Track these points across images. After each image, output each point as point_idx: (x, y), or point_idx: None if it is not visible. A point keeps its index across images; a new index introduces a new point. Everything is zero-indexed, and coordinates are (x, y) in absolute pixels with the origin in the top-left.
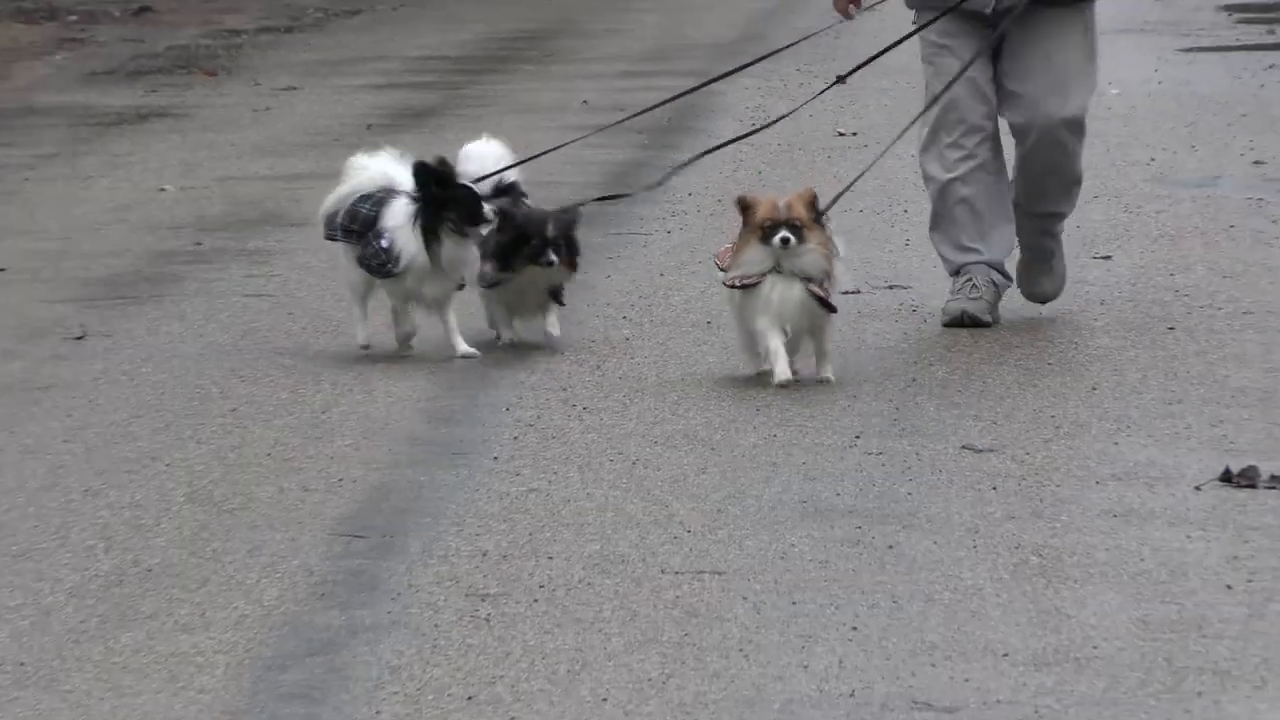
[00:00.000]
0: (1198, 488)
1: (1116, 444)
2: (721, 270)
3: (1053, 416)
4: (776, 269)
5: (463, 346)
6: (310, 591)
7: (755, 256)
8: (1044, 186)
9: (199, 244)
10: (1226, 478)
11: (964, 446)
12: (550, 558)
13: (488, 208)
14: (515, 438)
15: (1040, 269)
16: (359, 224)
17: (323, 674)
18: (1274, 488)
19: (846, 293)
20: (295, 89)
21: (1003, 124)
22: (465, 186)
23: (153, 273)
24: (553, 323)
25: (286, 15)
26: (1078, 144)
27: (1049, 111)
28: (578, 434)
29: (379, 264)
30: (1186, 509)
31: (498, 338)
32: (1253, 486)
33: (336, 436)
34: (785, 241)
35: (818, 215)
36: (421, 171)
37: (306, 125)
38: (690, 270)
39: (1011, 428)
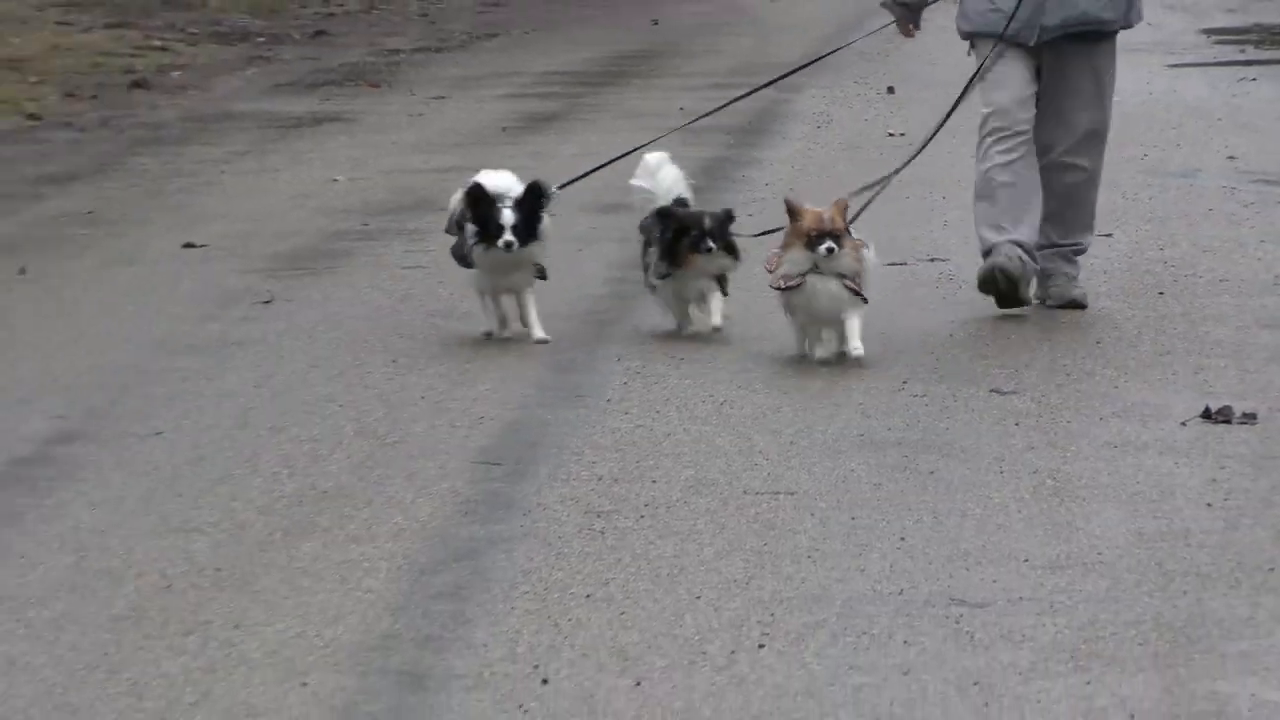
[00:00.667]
0: (1183, 423)
1: (1116, 387)
2: (769, 273)
3: (1064, 365)
4: (815, 269)
5: (538, 332)
6: (456, 509)
7: (799, 258)
8: (1071, 214)
9: (365, 225)
10: (1206, 415)
11: (992, 390)
12: (654, 481)
13: (507, 219)
14: (624, 383)
15: (1069, 283)
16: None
17: (467, 576)
18: (1245, 423)
19: (892, 264)
20: (444, 98)
21: None
22: (513, 204)
23: (327, 249)
24: (716, 312)
25: (437, 38)
26: (1099, 158)
27: (1079, 124)
28: (675, 379)
29: (458, 257)
30: (1174, 440)
31: (679, 329)
32: (1228, 422)
33: (478, 382)
34: (830, 251)
35: (848, 223)
36: (475, 190)
37: (453, 128)
38: (769, 248)
39: (1030, 374)
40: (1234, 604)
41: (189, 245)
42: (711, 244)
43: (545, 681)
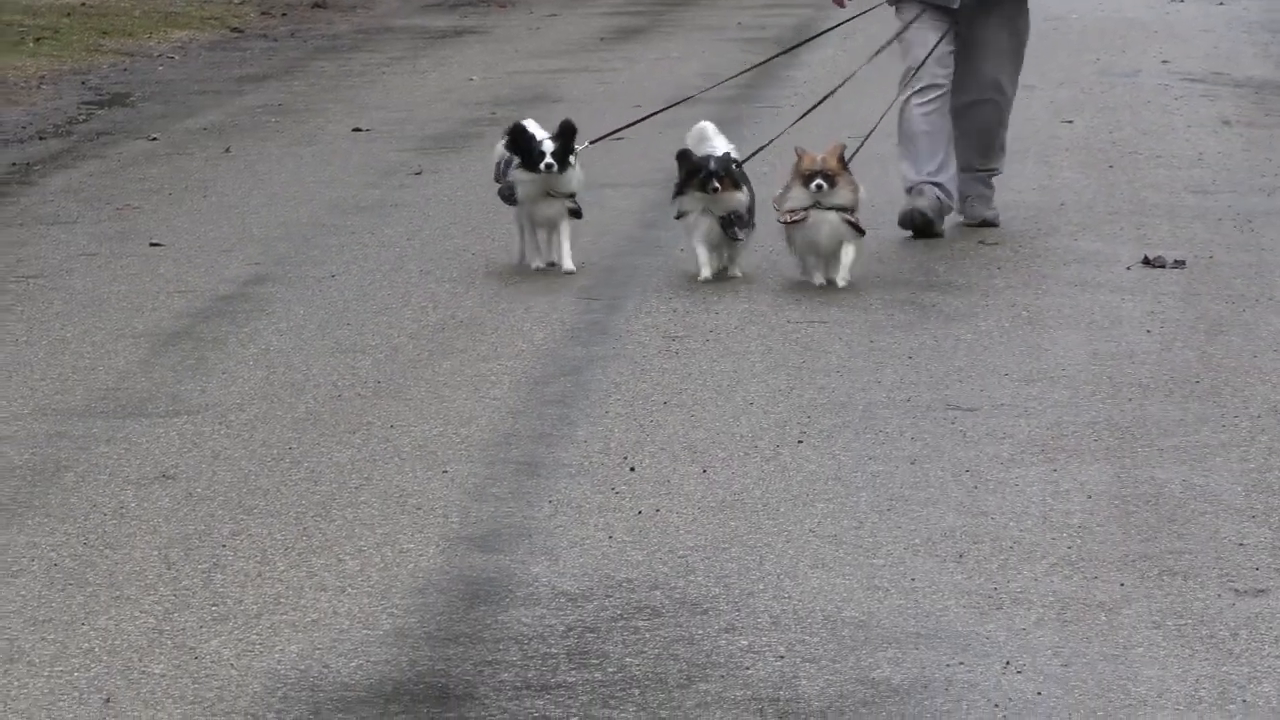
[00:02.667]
0: (1128, 268)
1: (1076, 240)
2: (777, 209)
3: (1036, 223)
4: (817, 205)
5: (567, 264)
6: (564, 335)
7: (799, 196)
8: (985, 144)
9: (493, 114)
10: (1146, 261)
11: (979, 242)
12: (716, 313)
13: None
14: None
15: (984, 204)
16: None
17: (571, 387)
18: (1176, 268)
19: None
20: (555, 15)
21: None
22: (547, 140)
23: (464, 132)
24: (737, 261)
25: None
26: (1007, 109)
27: (990, 74)
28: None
29: (505, 197)
30: (1120, 281)
31: (701, 276)
32: (1163, 267)
33: (581, 236)
34: (819, 186)
35: (845, 164)
36: (516, 130)
37: (562, 38)
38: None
39: (1009, 230)
40: (1168, 409)
41: (357, 129)
42: (716, 185)
43: (632, 469)
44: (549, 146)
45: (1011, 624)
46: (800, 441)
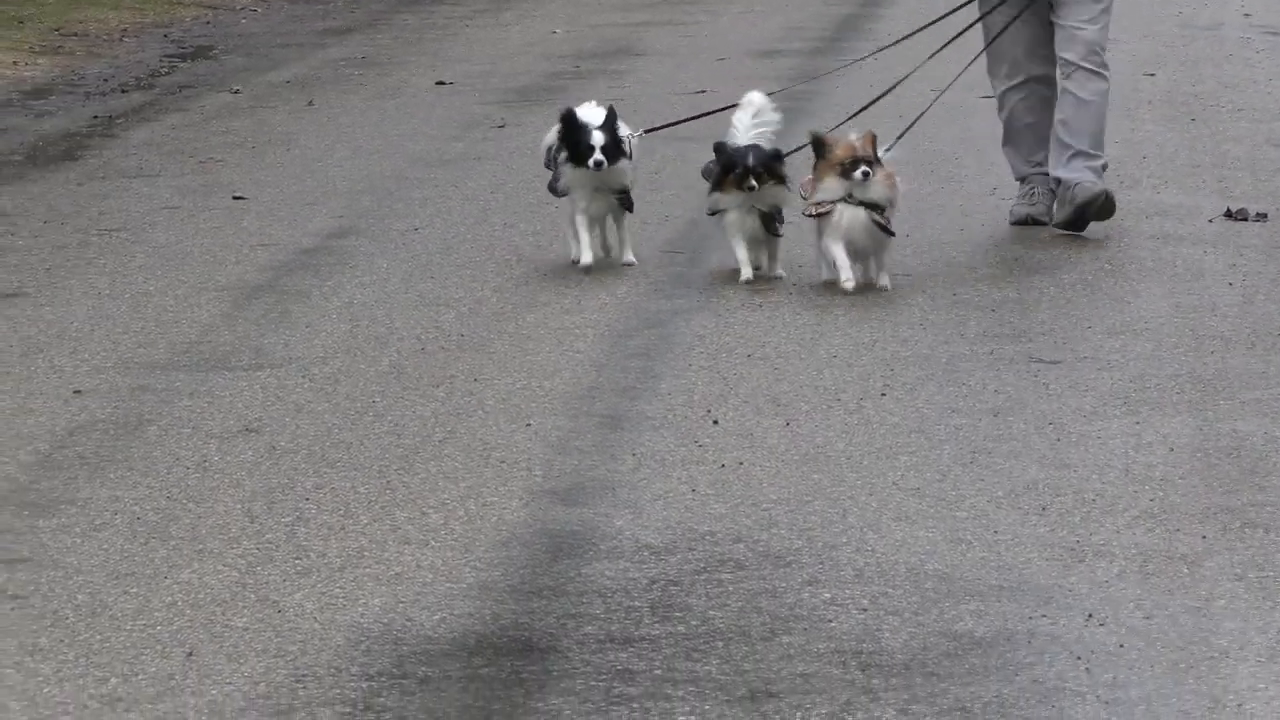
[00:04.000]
0: (1210, 221)
1: (1158, 193)
2: (803, 198)
3: (1118, 176)
4: (847, 198)
5: (628, 255)
6: (648, 287)
7: (832, 186)
8: (1083, 124)
9: (577, 67)
10: (1228, 214)
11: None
12: (800, 266)
13: (599, 142)
14: None
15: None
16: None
17: (655, 340)
18: (1259, 221)
19: (1243, 217)
20: None
21: None
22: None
23: (547, 85)
24: (773, 258)
25: None
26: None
27: (1083, 37)
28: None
29: (552, 189)
30: (1203, 234)
31: (743, 278)
32: (1245, 220)
33: (665, 188)
34: (865, 175)
35: (877, 153)
36: (567, 117)
37: None
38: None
39: None
40: (1250, 362)
41: (440, 83)
42: (754, 183)
43: (715, 422)
44: (599, 139)
45: (1094, 576)
46: (883, 394)
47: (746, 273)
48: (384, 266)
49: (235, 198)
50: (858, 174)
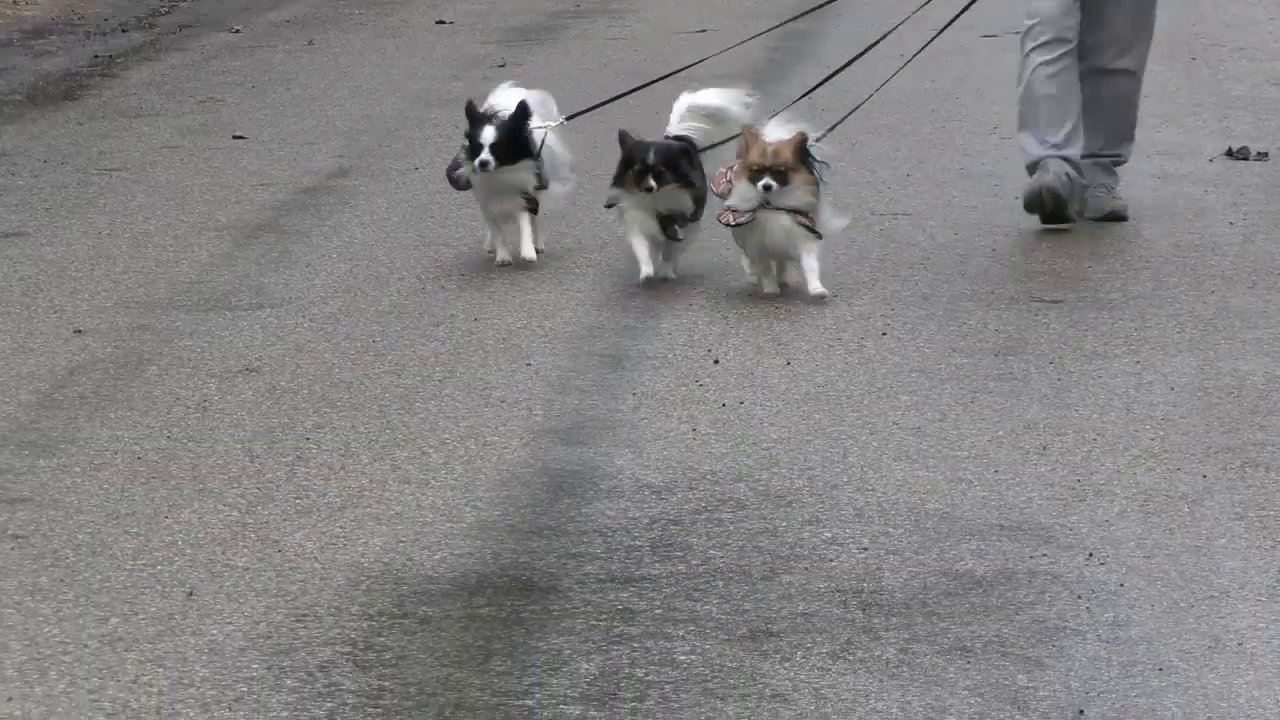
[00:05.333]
0: (1210, 160)
1: (1159, 132)
2: (718, 195)
3: None
4: (765, 205)
5: (526, 249)
6: None
7: (746, 194)
8: (1114, 125)
9: (577, 5)
10: (1229, 153)
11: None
12: None
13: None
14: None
15: (1108, 194)
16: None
17: (655, 280)
18: (1259, 160)
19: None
20: None
21: None
22: (489, 121)
23: (548, 24)
24: (673, 260)
25: None
26: (1140, 77)
27: (1122, 36)
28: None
29: (450, 178)
30: (1203, 173)
31: (643, 275)
32: (1245, 159)
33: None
34: (768, 188)
35: (805, 158)
36: (468, 108)
37: None
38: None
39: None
40: (1251, 301)
41: (440, 22)
42: (653, 183)
43: (716, 361)
44: (488, 137)
45: (1094, 516)
46: (884, 334)
47: (646, 269)
48: (384, 206)
49: (235, 137)
50: (760, 185)
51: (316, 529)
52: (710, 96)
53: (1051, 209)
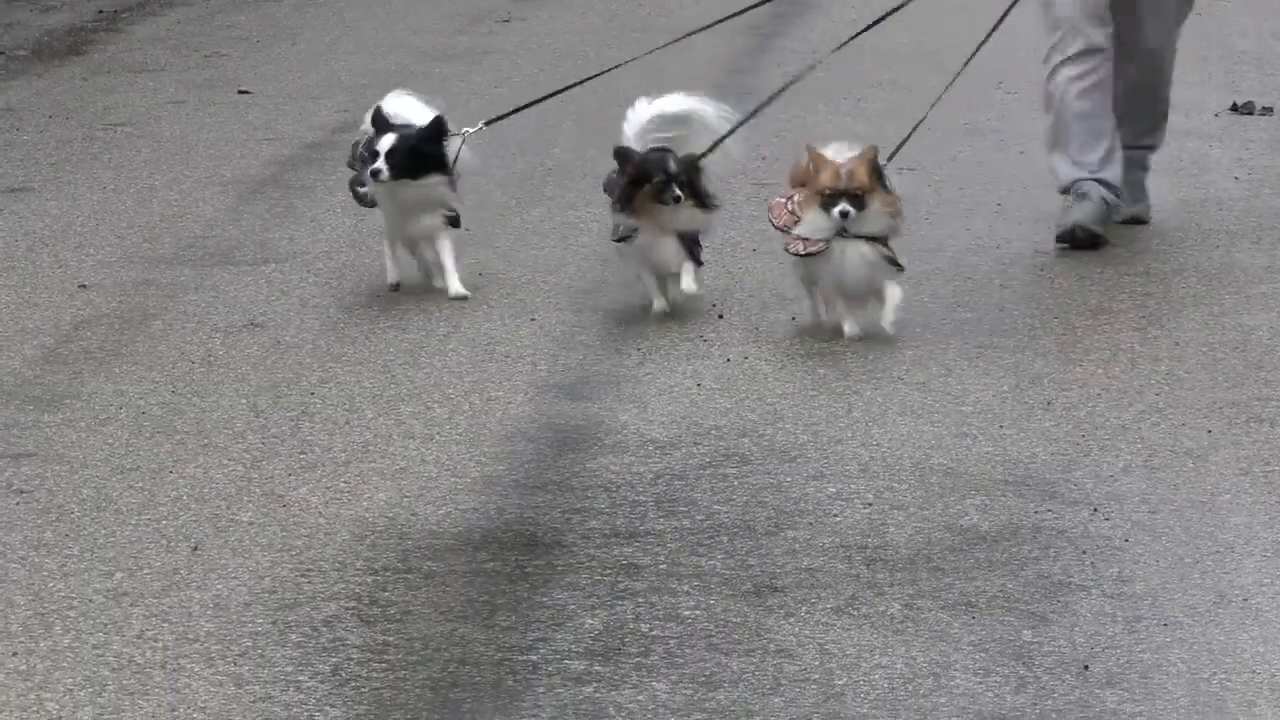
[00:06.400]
0: (1215, 115)
1: None
2: (777, 228)
3: None
4: (841, 233)
5: (454, 286)
6: None
7: (819, 223)
8: (1141, 111)
9: None
10: (1234, 108)
11: None
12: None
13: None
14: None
15: (1135, 194)
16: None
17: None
18: (1265, 115)
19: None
20: None
21: None
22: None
23: None
24: (688, 282)
25: None
26: (1171, 59)
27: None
28: (823, 79)
29: (352, 188)
30: (1208, 129)
31: (653, 308)
32: (1250, 114)
33: (668, 84)
34: (845, 214)
35: (880, 175)
36: (375, 114)
37: None
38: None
39: None
40: (1256, 256)
41: None
42: (679, 193)
43: (721, 316)
44: (385, 144)
45: (1099, 471)
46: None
47: (660, 304)
48: None
49: (240, 92)
50: (835, 212)
51: (321, 484)
52: (677, 102)
53: (1085, 243)
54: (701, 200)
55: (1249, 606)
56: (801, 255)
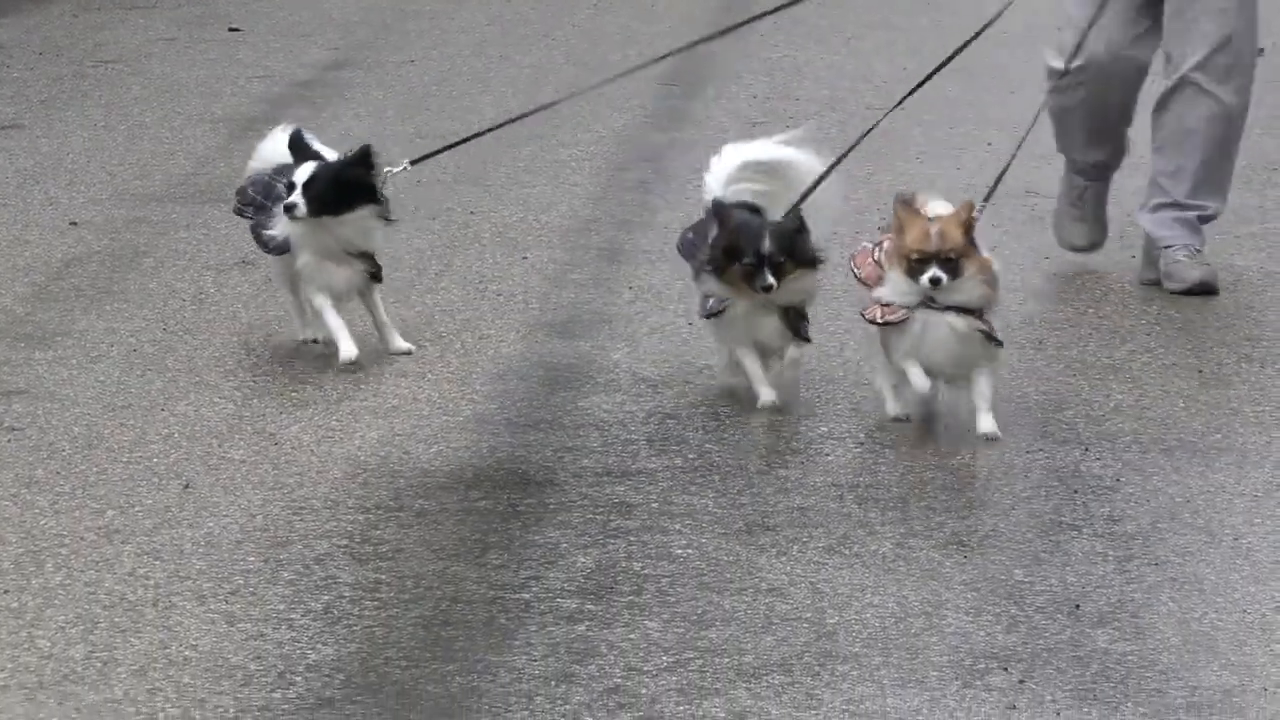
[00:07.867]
0: None
1: None
2: (859, 279)
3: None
4: (928, 302)
5: (396, 341)
6: (644, 121)
7: (904, 288)
8: (1202, 166)
9: None
10: None
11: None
12: (796, 99)
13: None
14: (774, 22)
15: (1190, 261)
16: (270, 199)
17: (651, 174)
18: (1258, 55)
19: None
20: None
21: None
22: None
23: None
24: (793, 361)
25: None
26: (1244, 92)
27: (1211, 32)
28: (813, 21)
29: (255, 233)
30: None
31: (763, 402)
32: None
33: (662, 20)
34: (935, 282)
35: (972, 236)
36: (293, 143)
37: None
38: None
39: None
40: (1247, 196)
41: None
42: (770, 280)
43: None
44: (301, 176)
45: (1090, 412)
46: (879, 227)
47: (767, 396)
48: (380, 98)
49: (231, 29)
50: (925, 279)
51: (313, 422)
52: (767, 149)
53: (1085, 250)
54: (806, 264)
55: (1239, 546)
56: (880, 324)
